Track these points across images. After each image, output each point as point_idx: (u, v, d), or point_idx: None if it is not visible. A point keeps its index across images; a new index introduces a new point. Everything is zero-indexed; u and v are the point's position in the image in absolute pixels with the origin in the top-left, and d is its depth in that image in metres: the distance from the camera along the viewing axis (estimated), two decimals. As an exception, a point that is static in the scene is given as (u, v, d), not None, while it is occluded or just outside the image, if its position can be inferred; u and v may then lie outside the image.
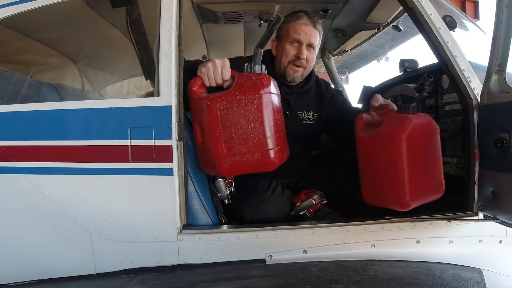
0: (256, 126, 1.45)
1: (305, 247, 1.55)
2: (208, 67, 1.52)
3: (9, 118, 1.53)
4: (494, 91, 1.45)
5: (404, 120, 1.44)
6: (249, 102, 1.45)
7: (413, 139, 1.42)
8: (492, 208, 1.47)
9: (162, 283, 1.44)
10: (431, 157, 1.50)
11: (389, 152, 1.45)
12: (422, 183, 1.46)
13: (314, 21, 1.86)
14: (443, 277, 1.40)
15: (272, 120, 1.46)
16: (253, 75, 1.51)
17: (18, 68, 1.98)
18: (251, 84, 1.48)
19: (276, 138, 1.48)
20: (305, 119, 1.98)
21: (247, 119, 1.45)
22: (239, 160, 1.46)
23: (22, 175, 1.52)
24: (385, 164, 1.48)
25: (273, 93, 1.50)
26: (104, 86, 2.44)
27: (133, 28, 1.79)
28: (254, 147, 1.46)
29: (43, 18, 1.79)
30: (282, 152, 1.52)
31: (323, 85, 2.06)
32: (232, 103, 1.45)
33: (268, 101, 1.46)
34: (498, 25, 1.42)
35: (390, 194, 1.48)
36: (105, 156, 1.52)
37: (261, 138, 1.45)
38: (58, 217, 1.54)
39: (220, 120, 1.44)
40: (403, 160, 1.41)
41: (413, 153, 1.42)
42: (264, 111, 1.45)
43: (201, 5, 2.34)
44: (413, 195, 1.44)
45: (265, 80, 1.48)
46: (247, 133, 1.45)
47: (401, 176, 1.43)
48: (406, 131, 1.41)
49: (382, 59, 3.45)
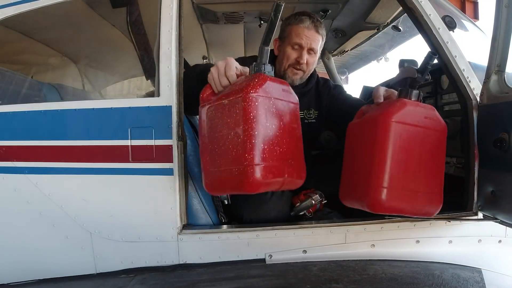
0: (236, 134, 1.19)
1: (305, 247, 1.55)
2: (212, 72, 1.38)
3: (9, 118, 1.54)
4: (494, 91, 1.45)
5: (396, 102, 1.29)
6: (233, 106, 1.21)
7: (405, 127, 1.25)
8: (492, 208, 1.47)
9: (162, 282, 1.44)
10: (428, 158, 1.30)
11: (371, 136, 1.27)
12: (408, 185, 1.26)
13: (317, 26, 1.85)
14: (442, 277, 1.40)
15: (261, 129, 1.19)
16: (251, 76, 1.29)
17: (19, 68, 1.98)
18: (240, 85, 1.24)
19: (267, 152, 1.19)
20: (306, 118, 1.99)
21: (229, 126, 1.22)
22: (218, 176, 1.26)
23: (22, 175, 1.53)
24: (364, 152, 1.30)
25: (265, 97, 1.22)
26: (104, 86, 2.45)
27: (133, 29, 1.80)
28: (233, 160, 1.20)
29: (44, 19, 1.79)
30: (278, 172, 1.23)
31: (321, 81, 2.07)
32: (218, 108, 1.27)
33: (255, 105, 1.18)
34: (498, 25, 1.42)
35: (362, 187, 1.29)
36: (105, 156, 1.52)
37: (239, 149, 1.18)
38: (59, 217, 1.54)
39: (207, 128, 1.30)
40: (387, 147, 1.23)
41: (402, 144, 1.25)
42: (248, 116, 1.17)
43: (201, 6, 2.34)
44: (390, 193, 1.24)
45: (255, 80, 1.22)
46: (228, 143, 1.22)
47: (380, 165, 1.24)
48: (395, 113, 1.25)
49: (382, 59, 3.46)
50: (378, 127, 1.26)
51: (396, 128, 1.25)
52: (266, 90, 1.22)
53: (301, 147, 1.33)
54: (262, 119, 1.19)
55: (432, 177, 1.32)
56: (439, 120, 1.34)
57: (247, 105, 1.18)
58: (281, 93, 1.28)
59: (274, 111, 1.23)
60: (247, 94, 1.18)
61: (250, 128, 1.17)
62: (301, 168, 1.33)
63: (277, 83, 1.30)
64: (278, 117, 1.25)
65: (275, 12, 1.23)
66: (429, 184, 1.31)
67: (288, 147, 1.25)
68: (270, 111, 1.22)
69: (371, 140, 1.28)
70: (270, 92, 1.24)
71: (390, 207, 1.27)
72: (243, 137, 1.17)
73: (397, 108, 1.27)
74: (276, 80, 1.30)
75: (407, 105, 1.27)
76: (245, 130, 1.17)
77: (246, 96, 1.18)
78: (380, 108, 1.33)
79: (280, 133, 1.24)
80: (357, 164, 1.34)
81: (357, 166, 1.34)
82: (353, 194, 1.36)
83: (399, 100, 1.30)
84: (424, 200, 1.31)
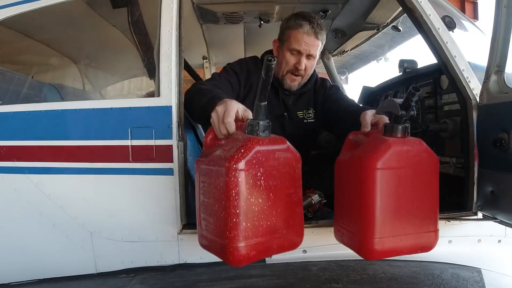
0: (220, 207, 1.12)
1: (305, 247, 1.55)
2: (213, 117, 1.30)
3: (10, 118, 1.54)
4: (493, 91, 1.45)
5: (380, 144, 1.21)
6: (217, 177, 1.13)
7: (391, 171, 1.19)
8: (491, 208, 1.47)
9: (162, 282, 1.45)
10: (421, 196, 1.24)
11: (358, 183, 1.22)
12: (401, 229, 1.22)
13: (317, 32, 1.80)
14: (442, 277, 1.41)
15: (244, 206, 1.10)
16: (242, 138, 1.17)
17: (19, 69, 1.99)
18: (228, 151, 1.13)
19: (250, 230, 1.11)
20: (305, 117, 1.99)
21: (214, 197, 1.15)
22: (207, 238, 1.23)
23: (23, 175, 1.53)
24: (353, 197, 1.25)
25: (252, 169, 1.11)
26: (104, 87, 2.45)
27: (134, 29, 1.80)
28: (217, 232, 1.15)
29: (44, 19, 1.80)
30: (264, 247, 1.15)
31: (319, 81, 2.08)
32: (207, 174, 1.19)
33: (238, 181, 1.09)
34: (497, 25, 1.42)
35: (354, 235, 1.26)
36: (105, 156, 1.53)
37: (222, 224, 1.12)
38: (59, 216, 1.55)
39: (200, 188, 1.23)
40: (374, 197, 1.18)
41: (390, 190, 1.19)
42: (229, 193, 1.09)
43: (201, 6, 2.34)
44: (382, 242, 1.20)
45: (242, 149, 1.11)
46: (213, 213, 1.16)
47: (368, 217, 1.20)
48: (379, 159, 1.18)
49: (382, 60, 3.46)
50: (363, 175, 1.20)
51: (381, 175, 1.19)
52: (254, 160, 1.12)
53: (298, 211, 1.24)
54: (245, 196, 1.10)
55: (425, 214, 1.26)
56: (428, 155, 1.25)
57: (229, 180, 1.09)
58: (276, 156, 1.17)
59: (262, 183, 1.14)
60: (230, 169, 1.09)
61: (232, 206, 1.10)
62: (297, 233, 1.24)
63: (271, 144, 1.17)
64: (268, 188, 1.15)
65: (266, 70, 1.11)
66: (423, 223, 1.26)
67: (279, 217, 1.17)
68: (257, 184, 1.13)
69: (358, 187, 1.22)
70: (259, 160, 1.13)
71: (384, 253, 1.24)
72: (224, 214, 1.11)
73: (381, 152, 1.19)
74: (271, 140, 1.18)
75: (391, 147, 1.20)
76: (227, 207, 1.10)
77: (228, 170, 1.09)
78: (365, 148, 1.26)
79: (268, 205, 1.15)
80: (347, 204, 1.30)
81: (348, 206, 1.30)
82: (346, 238, 1.32)
83: (383, 142, 1.22)
84: (419, 239, 1.26)
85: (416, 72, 2.25)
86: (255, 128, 1.17)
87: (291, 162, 1.20)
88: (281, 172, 1.18)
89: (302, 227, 1.26)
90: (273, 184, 1.16)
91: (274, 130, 1.46)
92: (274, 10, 2.38)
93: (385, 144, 1.21)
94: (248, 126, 1.18)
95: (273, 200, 1.16)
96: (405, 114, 1.23)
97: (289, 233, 1.21)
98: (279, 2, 2.29)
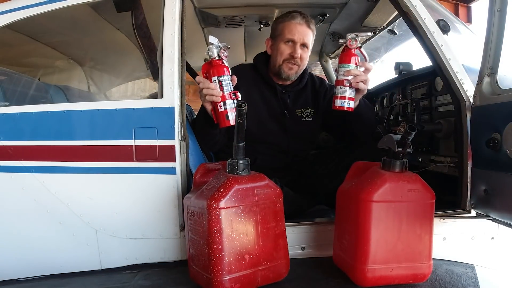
0: (204, 243, 1.21)
1: (304, 244, 1.59)
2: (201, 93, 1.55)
3: (17, 119, 1.57)
4: (486, 92, 1.47)
5: (377, 177, 1.27)
6: (201, 213, 1.22)
7: (387, 205, 1.25)
8: (484, 206, 1.50)
9: (165, 278, 1.47)
10: (416, 228, 1.29)
11: (354, 214, 1.29)
12: (395, 259, 1.28)
13: (308, 21, 1.91)
14: (436, 273, 1.42)
15: (226, 242, 1.18)
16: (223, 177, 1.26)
17: (27, 71, 2.01)
18: (210, 190, 1.22)
19: (233, 264, 1.19)
20: (304, 116, 2.04)
21: (199, 234, 1.24)
22: (195, 276, 1.30)
23: (30, 174, 1.56)
24: (350, 225, 1.32)
25: (232, 207, 1.19)
26: (109, 88, 2.48)
27: (138, 32, 1.82)
28: (203, 265, 1.23)
29: (51, 22, 1.82)
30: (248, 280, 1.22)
31: (318, 81, 2.12)
32: (191, 210, 1.30)
33: (219, 219, 1.17)
34: (490, 29, 1.44)
35: (350, 261, 1.31)
36: (110, 156, 1.55)
37: (206, 259, 1.20)
38: (65, 214, 1.58)
39: (188, 224, 1.33)
40: (369, 228, 1.25)
41: (385, 223, 1.26)
42: (211, 230, 1.18)
43: (203, 10, 2.37)
44: (375, 272, 1.27)
45: (222, 189, 1.20)
46: (199, 248, 1.24)
47: (363, 246, 1.26)
48: (375, 192, 1.24)
49: (378, 62, 3.49)
50: (359, 206, 1.27)
51: (376, 208, 1.25)
52: (234, 198, 1.20)
53: (282, 243, 1.30)
54: (227, 232, 1.19)
55: (419, 246, 1.31)
56: (424, 190, 1.31)
57: (211, 218, 1.18)
58: (255, 192, 1.25)
59: (243, 219, 1.21)
60: (211, 207, 1.18)
61: (214, 242, 1.18)
62: (281, 264, 1.30)
63: (250, 182, 1.25)
64: (249, 223, 1.22)
65: (239, 115, 1.23)
66: (416, 254, 1.31)
67: (262, 251, 1.24)
68: (238, 220, 1.20)
69: (354, 216, 1.28)
70: (239, 198, 1.21)
71: (376, 281, 1.29)
72: (208, 250, 1.19)
73: (377, 185, 1.25)
74: (250, 178, 1.27)
75: (387, 182, 1.25)
76: (209, 244, 1.18)
77: (209, 209, 1.18)
78: (363, 180, 1.31)
79: (250, 240, 1.22)
80: (345, 230, 1.36)
81: (345, 233, 1.36)
82: (342, 263, 1.39)
83: (380, 176, 1.28)
84: (412, 270, 1.31)
85: (411, 74, 2.28)
86: (234, 167, 1.27)
87: (271, 197, 1.28)
88: (262, 207, 1.25)
89: (287, 258, 1.33)
90: (254, 219, 1.23)
91: (275, 128, 1.50)
92: (274, 14, 2.42)
93: (381, 178, 1.27)
94: (228, 166, 1.29)
95: (255, 235, 1.23)
96: (402, 151, 1.30)
97: (274, 265, 1.28)
98: (278, 6, 2.33)
